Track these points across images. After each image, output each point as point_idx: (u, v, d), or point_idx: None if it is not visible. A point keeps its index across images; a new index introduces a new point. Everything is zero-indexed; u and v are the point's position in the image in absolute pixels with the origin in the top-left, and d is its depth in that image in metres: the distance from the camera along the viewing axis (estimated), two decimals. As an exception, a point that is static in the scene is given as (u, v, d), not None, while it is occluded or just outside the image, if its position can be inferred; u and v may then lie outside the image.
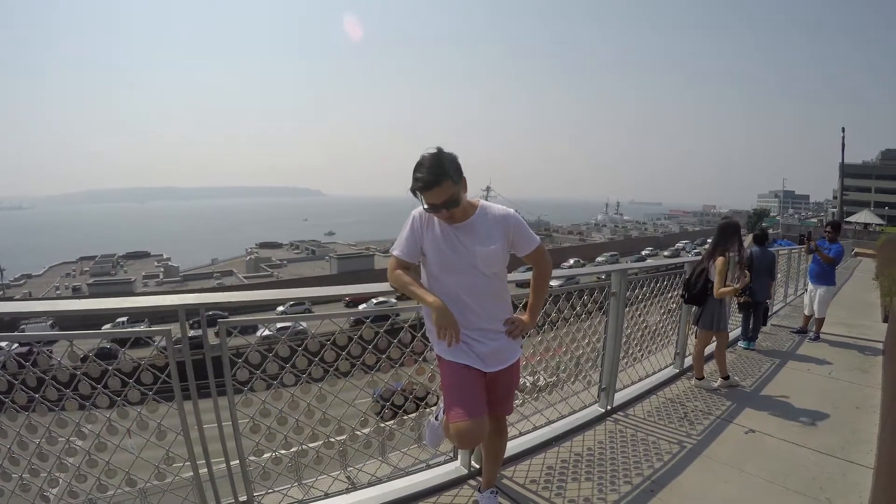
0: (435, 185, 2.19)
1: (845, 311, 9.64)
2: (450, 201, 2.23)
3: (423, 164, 2.21)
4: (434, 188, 2.20)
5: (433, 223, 2.39)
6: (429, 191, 2.21)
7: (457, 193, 2.24)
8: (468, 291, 2.39)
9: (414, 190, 2.25)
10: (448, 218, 2.30)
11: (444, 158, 2.22)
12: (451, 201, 2.23)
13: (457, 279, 2.38)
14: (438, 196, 2.21)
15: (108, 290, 46.73)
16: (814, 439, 3.99)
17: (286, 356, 2.67)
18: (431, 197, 2.22)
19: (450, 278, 2.39)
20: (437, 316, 2.32)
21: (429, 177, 2.19)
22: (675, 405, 4.66)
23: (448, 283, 2.40)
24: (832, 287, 7.68)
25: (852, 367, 6.07)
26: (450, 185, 2.20)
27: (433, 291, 2.40)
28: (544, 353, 3.87)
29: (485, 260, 2.35)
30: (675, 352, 5.58)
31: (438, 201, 2.22)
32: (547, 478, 3.32)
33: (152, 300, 2.47)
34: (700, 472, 3.49)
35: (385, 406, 3.20)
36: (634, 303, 4.61)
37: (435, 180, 2.19)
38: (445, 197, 2.21)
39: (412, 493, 3.03)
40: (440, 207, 2.24)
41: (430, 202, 2.24)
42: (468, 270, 2.37)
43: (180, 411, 2.41)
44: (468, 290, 2.39)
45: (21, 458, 2.23)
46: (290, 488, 2.84)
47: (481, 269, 2.37)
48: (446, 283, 2.40)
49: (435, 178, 2.19)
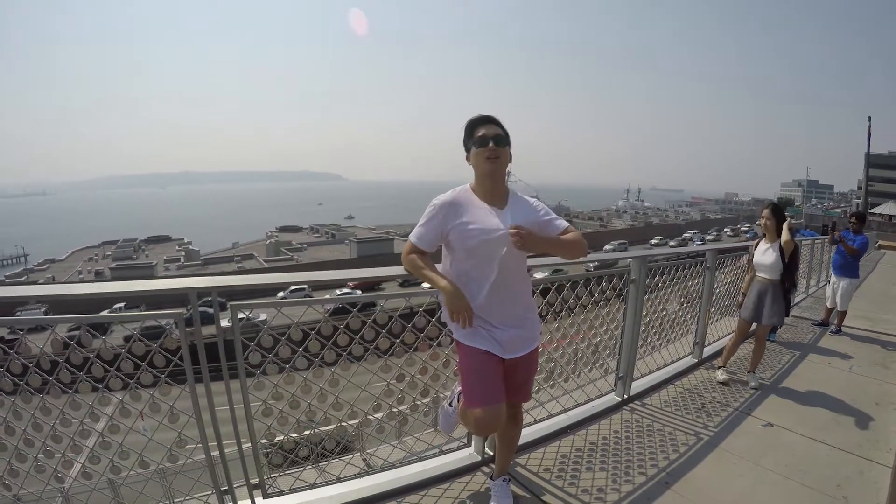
0: (490, 121, 2.40)
1: (868, 304, 9.44)
2: (499, 138, 2.37)
3: (477, 114, 2.44)
4: (489, 123, 2.40)
5: (463, 211, 2.38)
6: (484, 124, 2.39)
7: (506, 138, 2.41)
8: (492, 279, 2.38)
9: (468, 128, 2.42)
10: (493, 157, 2.36)
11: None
12: (500, 138, 2.37)
13: (482, 267, 2.38)
14: (490, 130, 2.37)
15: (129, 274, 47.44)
16: (832, 435, 3.91)
17: (299, 340, 2.66)
18: (485, 129, 2.37)
19: (474, 266, 2.39)
20: (449, 299, 2.34)
21: (485, 115, 2.42)
22: (693, 396, 4.59)
23: (472, 271, 2.40)
24: (855, 279, 7.53)
25: (874, 362, 5.95)
26: (501, 129, 2.40)
27: (450, 277, 2.42)
28: (561, 340, 3.83)
29: (511, 251, 2.36)
30: (695, 341, 5.50)
31: (490, 133, 2.35)
32: (561, 466, 3.29)
33: (164, 283, 2.46)
34: (716, 464, 3.44)
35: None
36: (654, 290, 4.55)
37: (490, 118, 2.42)
38: (497, 132, 2.37)
39: (425, 478, 3.03)
40: (489, 140, 2.35)
41: (482, 133, 2.36)
42: (494, 259, 2.37)
43: (192, 394, 2.41)
44: (492, 278, 2.38)
45: (36, 440, 2.25)
46: (303, 471, 2.84)
47: (507, 259, 2.38)
48: (470, 270, 2.40)
49: (490, 116, 2.42)
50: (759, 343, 5.03)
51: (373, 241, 58.87)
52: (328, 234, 75.12)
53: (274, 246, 62.75)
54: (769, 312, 4.88)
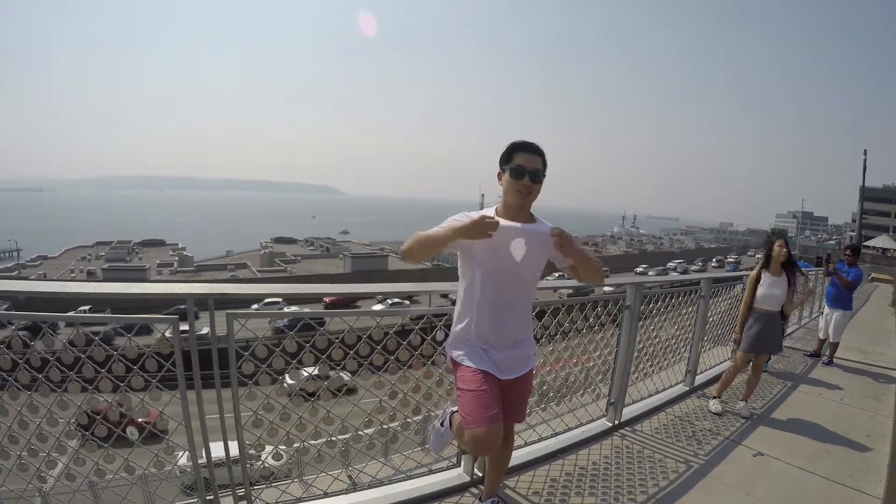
0: (534, 151, 2.35)
1: (860, 336, 9.48)
2: (536, 173, 2.33)
3: (524, 140, 2.38)
4: (530, 152, 2.34)
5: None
6: (527, 152, 2.34)
7: (542, 173, 2.36)
8: (505, 301, 2.41)
9: (508, 151, 2.35)
10: (525, 192, 2.34)
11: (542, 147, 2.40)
12: (536, 173, 2.34)
13: (500, 289, 2.40)
14: (531, 162, 2.33)
15: (122, 276, 47.12)
16: (823, 466, 3.90)
17: (293, 351, 2.64)
18: (525, 159, 2.32)
19: (493, 287, 2.39)
20: (471, 229, 2.19)
21: (530, 142, 2.37)
22: (684, 423, 4.58)
23: (490, 291, 2.40)
24: (849, 312, 7.56)
25: (865, 394, 5.96)
26: (541, 161, 2.36)
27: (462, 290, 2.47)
28: (555, 364, 3.82)
29: (528, 276, 2.44)
30: (687, 369, 5.50)
31: (529, 166, 2.32)
32: (550, 490, 3.27)
33: (161, 287, 2.45)
34: (706, 493, 3.41)
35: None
36: (648, 317, 4.55)
37: (534, 147, 2.36)
38: (535, 166, 2.33)
39: (413, 497, 2.99)
40: (527, 172, 2.31)
41: (520, 163, 2.32)
42: (512, 282, 2.41)
43: (183, 400, 2.39)
44: (505, 300, 2.41)
45: (21, 438, 2.22)
46: (290, 484, 2.81)
47: (523, 284, 2.44)
48: (489, 290, 2.40)
49: (534, 145, 2.36)
50: (757, 372, 5.01)
51: (367, 257, 58.74)
52: (323, 247, 74.92)
53: (268, 256, 62.51)
54: (775, 343, 4.92)
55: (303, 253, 69.64)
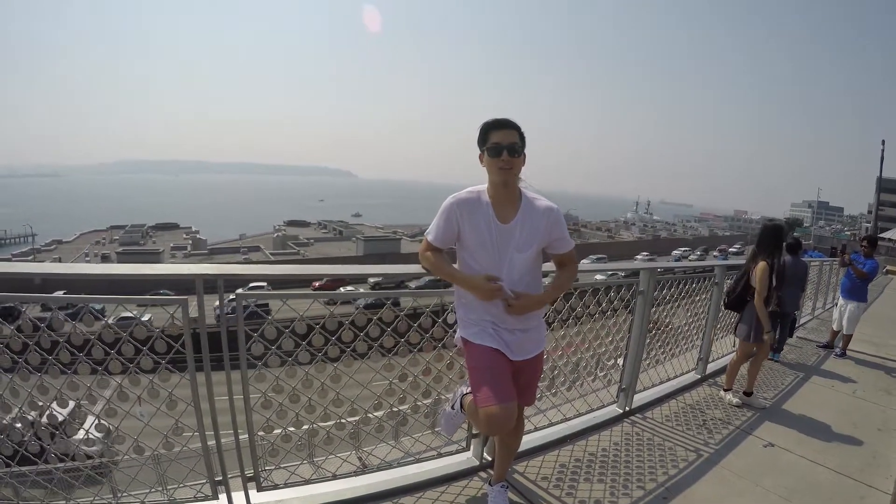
0: (505, 126, 2.34)
1: (874, 329, 9.36)
2: (512, 147, 2.32)
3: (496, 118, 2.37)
4: (504, 129, 2.33)
5: (477, 214, 2.38)
6: (500, 129, 2.33)
7: (520, 146, 2.35)
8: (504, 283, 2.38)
9: (482, 131, 2.36)
10: (507, 167, 2.32)
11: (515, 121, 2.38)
12: (513, 147, 2.32)
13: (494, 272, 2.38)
14: (506, 137, 2.32)
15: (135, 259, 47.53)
16: (833, 459, 3.86)
17: (303, 333, 2.64)
18: (498, 136, 2.32)
19: (483, 271, 2.38)
20: (479, 291, 2.35)
21: (501, 118, 2.35)
22: (695, 412, 4.55)
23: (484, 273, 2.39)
24: (863, 303, 7.46)
25: (877, 387, 5.90)
26: (516, 134, 2.34)
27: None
28: (566, 348, 3.80)
29: (521, 264, 2.40)
30: (699, 357, 5.46)
31: (505, 142, 2.31)
32: (559, 476, 3.26)
33: (170, 268, 2.45)
34: (715, 482, 3.40)
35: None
36: (661, 303, 4.50)
37: (506, 122, 2.35)
38: (511, 140, 2.32)
39: (422, 480, 3.00)
40: (503, 149, 2.31)
41: (496, 141, 2.32)
42: (504, 267, 2.38)
43: (192, 382, 2.39)
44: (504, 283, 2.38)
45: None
46: (299, 466, 2.82)
47: (517, 269, 2.39)
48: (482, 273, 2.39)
49: (506, 120, 2.35)
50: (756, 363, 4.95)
51: (380, 240, 58.96)
52: (335, 230, 75.23)
53: (281, 240, 62.91)
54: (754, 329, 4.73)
55: (315, 236, 70.03)
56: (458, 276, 2.41)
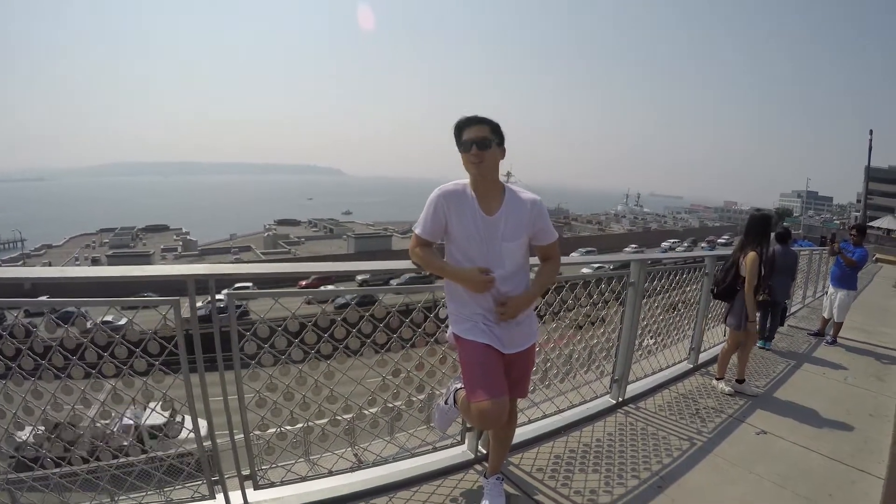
0: (478, 122, 2.38)
1: (864, 316, 9.46)
2: (482, 141, 2.35)
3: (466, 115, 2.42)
4: (473, 125, 2.38)
5: (464, 207, 2.40)
6: (471, 126, 2.38)
7: (491, 140, 2.37)
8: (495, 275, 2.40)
9: (455, 130, 2.41)
10: (477, 161, 2.36)
11: (488, 117, 2.41)
12: (482, 142, 2.35)
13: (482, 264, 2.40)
14: (477, 132, 2.36)
15: (126, 262, 47.24)
16: (825, 445, 3.91)
17: (295, 331, 2.64)
18: (471, 133, 2.36)
19: (475, 263, 2.41)
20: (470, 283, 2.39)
21: (471, 116, 2.40)
22: (688, 401, 4.59)
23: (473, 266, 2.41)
24: (853, 291, 7.53)
25: (868, 373, 5.97)
26: (487, 130, 2.37)
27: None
28: (558, 340, 3.82)
29: (510, 255, 2.42)
30: (691, 347, 5.50)
31: (475, 136, 2.35)
32: (554, 467, 3.28)
33: (162, 269, 2.45)
34: (709, 470, 3.43)
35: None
36: (652, 294, 4.53)
37: (475, 119, 2.39)
38: (481, 135, 2.35)
39: (417, 474, 3.01)
40: (472, 144, 2.34)
41: (466, 137, 2.36)
42: (493, 259, 2.40)
43: (186, 383, 2.39)
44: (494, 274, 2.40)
45: (26, 424, 2.23)
46: (295, 464, 2.83)
47: (506, 260, 2.41)
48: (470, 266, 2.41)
49: (476, 118, 2.39)
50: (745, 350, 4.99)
51: (371, 238, 58.88)
52: (326, 228, 75.05)
53: (272, 239, 62.78)
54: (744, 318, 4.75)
55: (306, 234, 69.89)
56: (450, 269, 2.44)
